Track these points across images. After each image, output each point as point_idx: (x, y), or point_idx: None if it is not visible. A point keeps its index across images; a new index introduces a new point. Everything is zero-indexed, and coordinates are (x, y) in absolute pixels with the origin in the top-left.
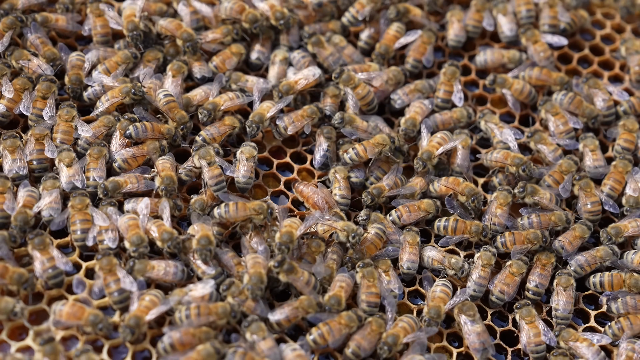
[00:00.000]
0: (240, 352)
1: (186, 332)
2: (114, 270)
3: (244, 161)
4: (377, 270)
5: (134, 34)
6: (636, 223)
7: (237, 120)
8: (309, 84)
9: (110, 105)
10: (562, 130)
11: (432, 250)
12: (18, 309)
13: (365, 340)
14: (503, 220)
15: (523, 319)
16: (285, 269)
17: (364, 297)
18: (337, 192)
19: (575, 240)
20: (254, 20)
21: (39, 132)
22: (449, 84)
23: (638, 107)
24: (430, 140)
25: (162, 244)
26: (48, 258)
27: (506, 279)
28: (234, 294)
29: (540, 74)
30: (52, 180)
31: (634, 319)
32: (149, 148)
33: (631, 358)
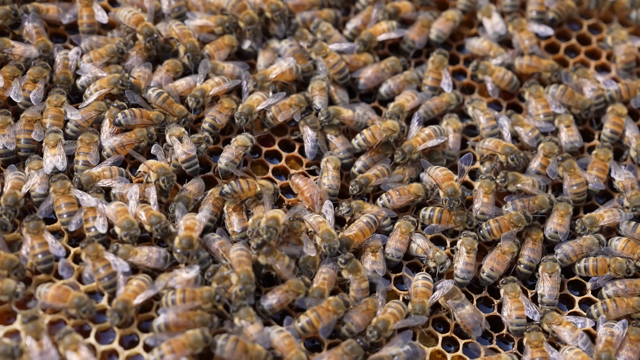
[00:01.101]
0: (232, 338)
1: (182, 314)
2: (101, 256)
3: (231, 147)
4: (365, 255)
5: (153, 38)
6: (611, 212)
7: (234, 101)
8: (283, 74)
9: (99, 95)
10: (540, 112)
11: (420, 239)
12: (19, 289)
13: (360, 317)
14: (489, 208)
15: (507, 294)
16: (264, 252)
17: (353, 294)
18: (326, 182)
19: (563, 221)
20: (251, 22)
21: (30, 116)
22: (437, 72)
23: (624, 94)
24: (418, 134)
25: (150, 227)
26: (40, 243)
27: (497, 257)
28: (219, 280)
29: (531, 61)
30: (38, 161)
31: (620, 301)
32: (137, 135)
33: (610, 342)
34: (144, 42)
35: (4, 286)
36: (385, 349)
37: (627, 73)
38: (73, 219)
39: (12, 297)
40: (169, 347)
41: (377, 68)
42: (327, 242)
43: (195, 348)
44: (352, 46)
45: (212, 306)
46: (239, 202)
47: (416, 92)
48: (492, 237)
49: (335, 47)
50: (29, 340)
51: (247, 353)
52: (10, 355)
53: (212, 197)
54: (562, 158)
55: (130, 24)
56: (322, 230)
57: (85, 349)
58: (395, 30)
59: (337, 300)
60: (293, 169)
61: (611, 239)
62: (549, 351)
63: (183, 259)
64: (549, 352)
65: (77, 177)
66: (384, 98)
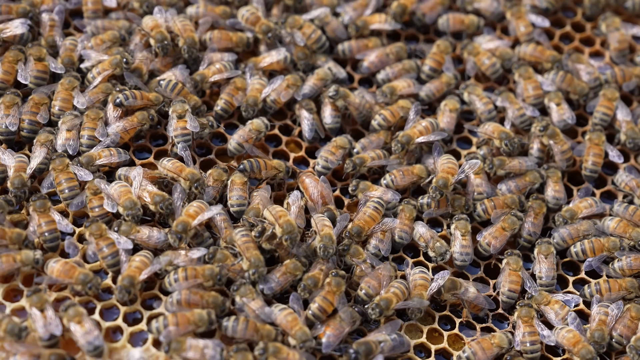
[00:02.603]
0: (242, 318)
1: (195, 292)
2: (105, 234)
3: (245, 129)
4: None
5: (164, 44)
6: (587, 202)
7: (245, 81)
8: (272, 64)
9: (103, 78)
10: (531, 95)
11: (422, 227)
12: (39, 256)
13: (376, 281)
14: (484, 187)
15: (509, 265)
16: (265, 238)
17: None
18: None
19: (558, 187)
20: (267, 30)
21: (38, 98)
22: (440, 55)
23: (620, 79)
24: (415, 125)
25: (155, 206)
26: (47, 221)
27: (495, 232)
28: (220, 261)
29: (535, 50)
30: (47, 134)
31: (613, 283)
32: (139, 119)
33: (604, 322)
34: (154, 47)
35: (23, 257)
36: (372, 335)
37: (621, 60)
38: (76, 200)
39: (33, 265)
40: (174, 319)
41: (382, 53)
42: (324, 243)
43: (199, 326)
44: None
45: (214, 284)
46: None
47: (414, 80)
48: (487, 216)
49: (308, 16)
50: (34, 311)
51: (258, 332)
52: (16, 335)
53: (212, 179)
54: (543, 128)
55: (147, 28)
56: (323, 232)
57: (89, 321)
58: (389, 23)
59: (338, 280)
60: (293, 152)
61: (604, 219)
62: (539, 327)
63: (175, 242)
64: (538, 329)
65: (78, 159)
66: (380, 84)
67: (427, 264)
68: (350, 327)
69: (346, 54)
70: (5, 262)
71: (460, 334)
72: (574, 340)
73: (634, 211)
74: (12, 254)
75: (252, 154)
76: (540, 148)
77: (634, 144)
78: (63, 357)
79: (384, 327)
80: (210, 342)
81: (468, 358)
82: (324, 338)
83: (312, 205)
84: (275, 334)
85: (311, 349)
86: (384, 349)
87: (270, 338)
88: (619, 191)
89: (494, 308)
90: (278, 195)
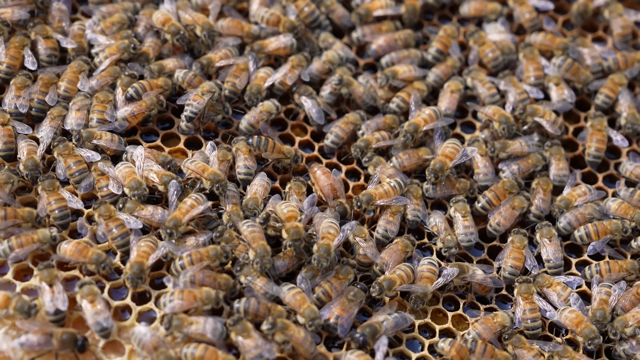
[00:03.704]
0: (254, 299)
1: (209, 274)
2: (114, 215)
3: (256, 110)
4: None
5: (182, 35)
6: (581, 190)
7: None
8: (279, 49)
9: (110, 62)
10: (531, 75)
11: (438, 218)
12: (55, 233)
13: (390, 256)
14: (489, 169)
15: (513, 243)
16: (270, 224)
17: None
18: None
19: (561, 164)
20: (292, 28)
21: (47, 78)
22: (446, 39)
23: (622, 65)
24: (419, 114)
25: (164, 186)
26: (57, 199)
27: (505, 212)
28: (228, 240)
29: (545, 39)
30: (60, 109)
31: (613, 264)
32: (148, 104)
33: (606, 301)
34: (171, 41)
35: (40, 235)
36: (374, 317)
37: (624, 46)
38: (83, 182)
39: (50, 243)
40: (180, 295)
41: (391, 37)
42: (319, 255)
43: (205, 304)
44: None
45: (221, 264)
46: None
47: (415, 66)
48: (492, 207)
49: None
50: (42, 284)
51: (270, 312)
52: (26, 312)
53: (217, 160)
54: (523, 110)
55: (158, 24)
56: (322, 242)
57: (101, 302)
58: (392, 7)
59: (346, 268)
60: (298, 136)
61: (606, 200)
62: (539, 303)
63: (166, 237)
64: (539, 304)
65: (79, 131)
66: (384, 68)
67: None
68: (358, 306)
69: (360, 41)
70: (26, 242)
71: (464, 315)
72: (576, 320)
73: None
74: (29, 234)
75: (265, 133)
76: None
77: (633, 129)
78: (75, 335)
79: (383, 309)
80: (210, 318)
81: (474, 339)
82: (336, 321)
83: (324, 198)
84: (288, 313)
85: (320, 327)
86: (387, 328)
87: (283, 317)
88: (624, 178)
89: (501, 287)
90: (284, 178)
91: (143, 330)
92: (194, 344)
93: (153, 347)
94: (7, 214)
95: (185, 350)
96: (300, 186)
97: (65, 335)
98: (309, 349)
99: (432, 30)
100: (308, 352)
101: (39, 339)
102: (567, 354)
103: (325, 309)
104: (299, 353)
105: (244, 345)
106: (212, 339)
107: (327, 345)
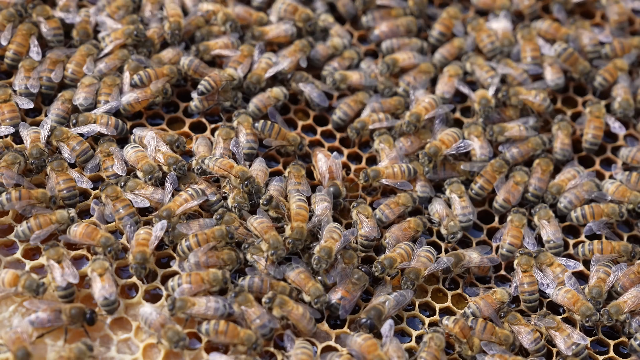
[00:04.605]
0: (258, 277)
1: (211, 254)
2: (121, 196)
3: (265, 94)
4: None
5: (175, 33)
6: (570, 174)
7: (252, 47)
8: (279, 37)
9: (114, 47)
10: (528, 55)
11: (439, 205)
12: (73, 214)
13: (400, 232)
14: (487, 150)
15: (512, 222)
16: (273, 205)
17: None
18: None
19: (567, 139)
20: (307, 19)
21: (55, 57)
22: (449, 20)
23: (619, 51)
24: (418, 102)
25: (168, 168)
26: (65, 179)
27: (511, 189)
28: (228, 223)
29: (550, 27)
30: (71, 92)
31: (606, 244)
32: (153, 90)
33: (604, 280)
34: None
35: (58, 217)
36: (375, 299)
37: (620, 33)
38: (89, 164)
39: (69, 223)
40: (188, 278)
41: (393, 23)
42: (320, 256)
43: (213, 285)
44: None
45: (227, 244)
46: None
47: (415, 53)
48: (485, 192)
49: None
50: (51, 262)
51: (273, 288)
52: (34, 290)
53: (221, 139)
54: (505, 93)
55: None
56: (325, 244)
57: (110, 277)
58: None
59: (350, 252)
60: (301, 121)
61: (604, 182)
62: (538, 276)
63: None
64: (537, 277)
65: (75, 117)
66: (384, 53)
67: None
68: (361, 290)
69: (370, 24)
70: (44, 224)
71: (464, 294)
72: (573, 299)
73: (637, 179)
74: (47, 214)
75: (272, 118)
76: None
77: (624, 114)
78: (83, 310)
79: (382, 289)
80: (212, 297)
81: (473, 313)
82: (338, 301)
83: (319, 178)
84: (290, 290)
85: (325, 305)
86: (389, 308)
87: (285, 293)
88: (626, 164)
89: (498, 263)
90: (287, 160)
91: (149, 310)
92: (214, 320)
93: (160, 325)
94: (21, 194)
95: (205, 327)
96: (299, 169)
97: (74, 310)
98: (307, 326)
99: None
100: (306, 329)
101: (48, 316)
102: (558, 326)
103: (331, 292)
104: (299, 330)
105: (248, 315)
106: (215, 317)
107: (329, 323)
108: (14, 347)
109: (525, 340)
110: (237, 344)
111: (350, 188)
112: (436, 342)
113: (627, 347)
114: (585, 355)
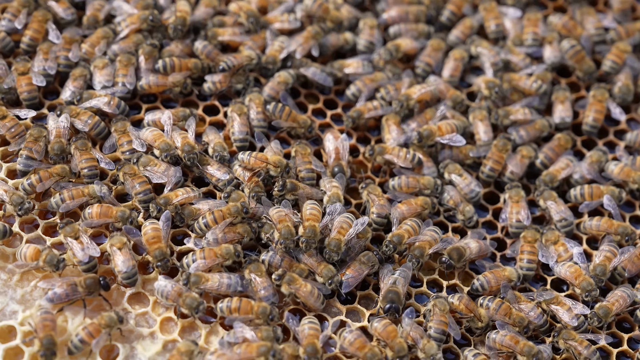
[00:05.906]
0: (280, 254)
1: (229, 230)
2: (138, 173)
3: (274, 81)
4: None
5: (178, 29)
6: (563, 163)
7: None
8: (284, 28)
9: (130, 31)
10: (529, 37)
11: (452, 191)
12: (105, 190)
13: (407, 208)
14: (489, 135)
15: (511, 199)
16: (289, 188)
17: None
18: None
19: (566, 103)
20: (338, 21)
21: (70, 36)
22: (460, 1)
23: (624, 35)
24: (420, 88)
25: (182, 153)
26: (87, 158)
27: (518, 162)
28: (235, 200)
29: (567, 23)
30: (82, 69)
31: (605, 222)
32: (172, 81)
33: (609, 259)
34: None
35: (90, 190)
36: (384, 284)
37: (624, 20)
38: (106, 143)
39: (99, 199)
40: (202, 254)
41: (403, 10)
42: (329, 249)
43: (226, 259)
44: None
45: (242, 219)
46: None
47: (421, 39)
48: (496, 172)
49: None
50: (68, 240)
51: (291, 268)
52: (55, 265)
53: (235, 114)
54: (499, 81)
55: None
56: (333, 237)
57: (128, 251)
58: None
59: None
60: (311, 104)
61: (608, 163)
62: (540, 249)
63: (154, 212)
64: (539, 250)
65: (79, 93)
66: (390, 38)
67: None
68: (369, 270)
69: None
70: (76, 195)
71: (471, 272)
72: (575, 273)
73: None
74: (80, 187)
75: (283, 101)
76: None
77: (622, 99)
78: (97, 279)
79: (385, 272)
80: (225, 273)
81: (482, 285)
82: (344, 278)
83: (325, 159)
84: (308, 272)
85: (338, 284)
86: (402, 286)
87: (302, 275)
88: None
89: (495, 247)
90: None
91: (163, 283)
92: (227, 298)
93: (177, 294)
94: (41, 176)
95: (220, 305)
96: (305, 148)
97: (89, 280)
98: (314, 303)
99: None
100: (315, 306)
101: (65, 290)
102: (558, 299)
103: (342, 268)
104: (308, 307)
105: (256, 283)
106: (228, 293)
107: (339, 298)
108: (42, 334)
109: (532, 314)
110: (253, 318)
111: (358, 170)
112: (440, 307)
113: None
114: (585, 328)
